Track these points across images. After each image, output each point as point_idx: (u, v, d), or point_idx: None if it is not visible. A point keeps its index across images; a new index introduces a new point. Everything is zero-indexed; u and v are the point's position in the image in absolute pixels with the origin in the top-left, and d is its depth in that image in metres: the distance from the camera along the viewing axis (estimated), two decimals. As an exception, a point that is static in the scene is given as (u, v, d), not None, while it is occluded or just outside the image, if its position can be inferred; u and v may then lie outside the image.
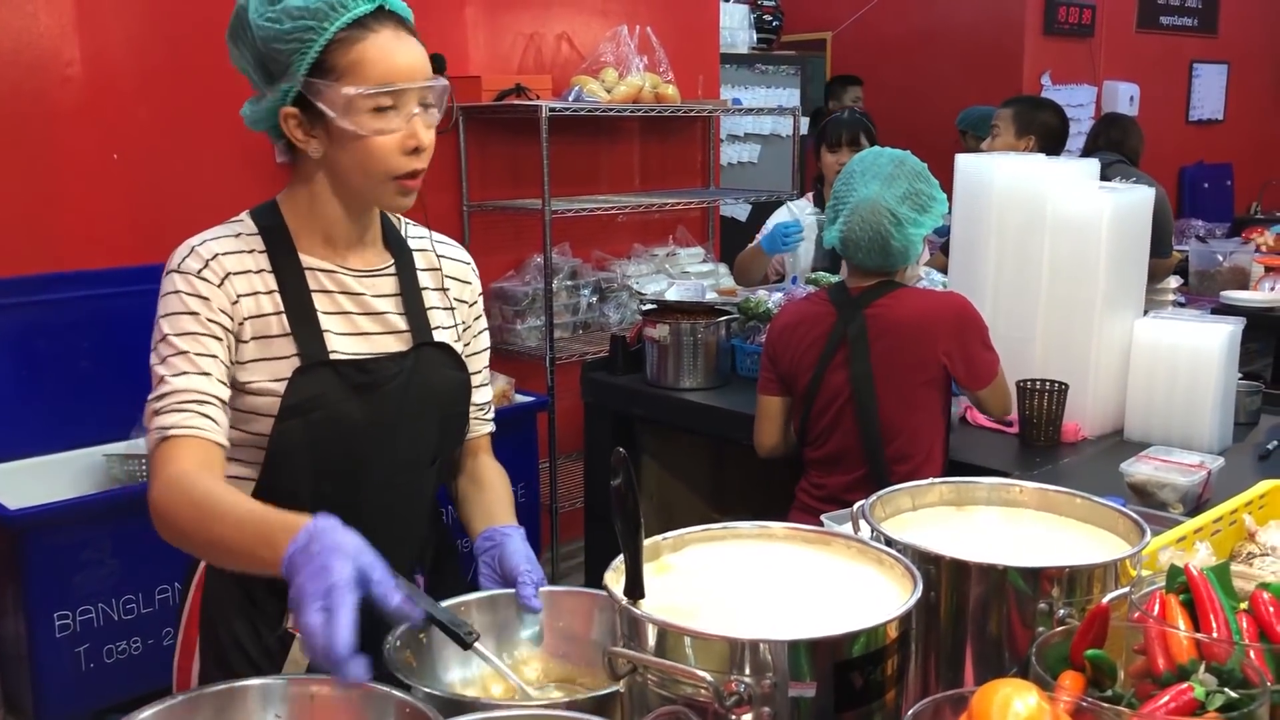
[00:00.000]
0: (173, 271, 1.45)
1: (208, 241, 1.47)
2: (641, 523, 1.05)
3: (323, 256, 1.52)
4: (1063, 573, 1.16)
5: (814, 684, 0.98)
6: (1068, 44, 6.71)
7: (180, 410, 1.38)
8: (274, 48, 1.41)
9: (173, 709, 1.08)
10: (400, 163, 1.44)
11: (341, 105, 1.40)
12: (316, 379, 1.46)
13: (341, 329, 1.50)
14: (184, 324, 1.42)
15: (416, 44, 1.46)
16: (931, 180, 2.41)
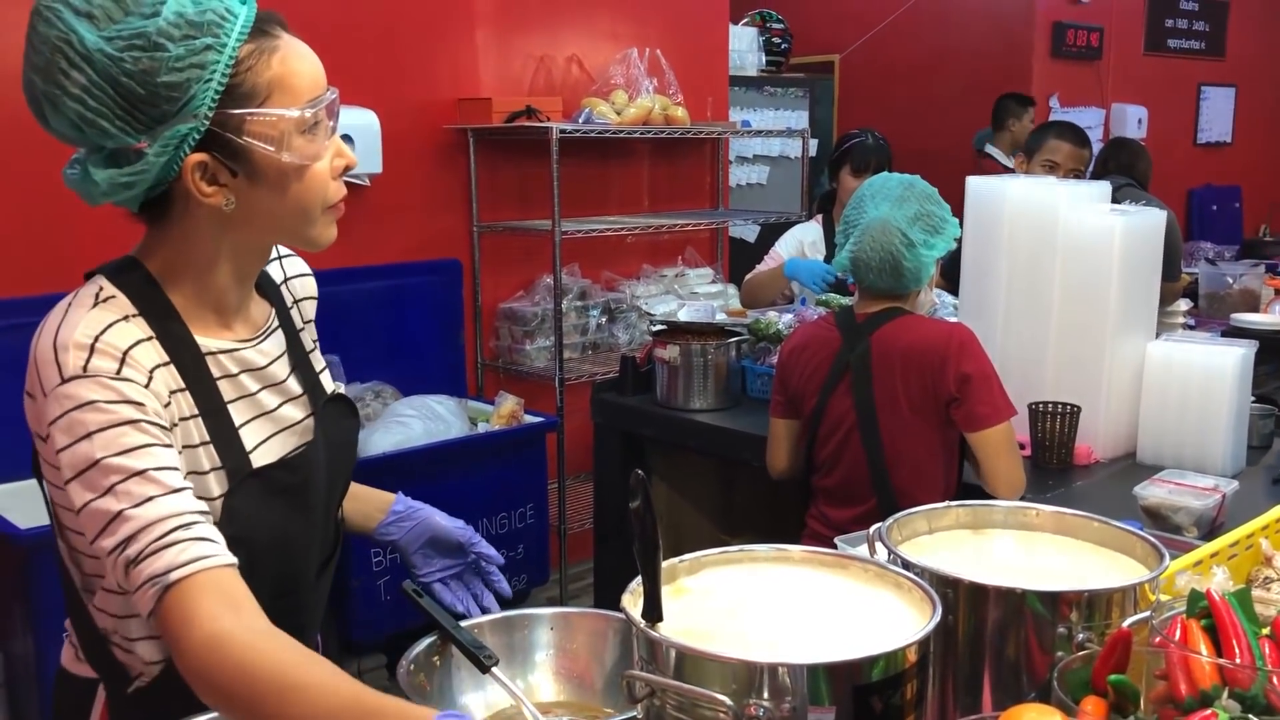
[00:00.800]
0: (76, 378, 1.11)
1: (104, 334, 1.14)
2: (660, 545, 1.05)
3: (214, 334, 1.26)
4: (1081, 597, 1.15)
5: (833, 708, 0.98)
6: (1076, 67, 6.73)
7: (169, 545, 1.08)
8: (161, 81, 1.10)
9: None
10: (333, 190, 1.24)
11: (279, 133, 1.16)
12: (248, 498, 1.23)
13: (248, 416, 1.27)
14: (122, 440, 1.10)
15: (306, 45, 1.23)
16: (942, 203, 2.39)
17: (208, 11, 1.12)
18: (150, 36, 1.10)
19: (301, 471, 1.29)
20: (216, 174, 1.17)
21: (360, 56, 3.70)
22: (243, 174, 1.18)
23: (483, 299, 4.21)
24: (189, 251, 1.23)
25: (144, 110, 1.12)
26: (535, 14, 4.23)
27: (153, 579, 1.07)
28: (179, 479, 1.12)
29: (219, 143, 1.15)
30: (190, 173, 1.15)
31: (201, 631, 1.05)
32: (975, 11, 6.59)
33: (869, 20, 6.82)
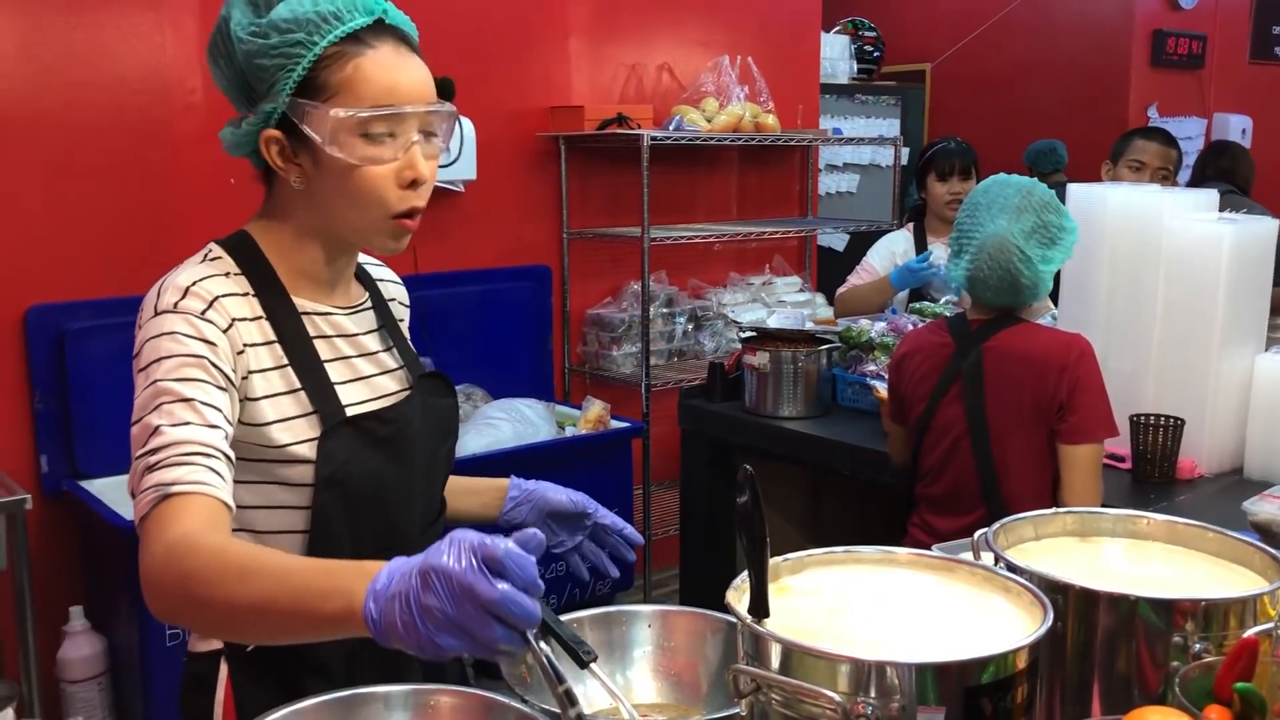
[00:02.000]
0: (166, 312, 1.22)
1: (204, 281, 1.26)
2: (768, 541, 1.05)
3: (311, 297, 1.36)
4: (1198, 606, 1.12)
5: (942, 709, 0.96)
6: (1177, 76, 6.57)
7: (184, 464, 1.14)
8: (258, 64, 1.25)
9: (302, 712, 1.10)
10: (396, 197, 1.28)
11: (330, 129, 1.24)
12: (342, 442, 1.30)
13: (344, 377, 1.36)
14: (184, 369, 1.19)
15: (419, 63, 1.31)
16: (1061, 210, 2.30)
17: (315, 13, 1.25)
18: (263, 26, 1.25)
19: (395, 424, 1.36)
20: (288, 153, 1.28)
21: (455, 65, 3.74)
22: (308, 159, 1.28)
23: (571, 305, 4.24)
24: (280, 222, 1.35)
25: (249, 86, 1.28)
26: (627, 23, 4.26)
27: (158, 485, 1.13)
28: (220, 419, 1.20)
29: (291, 126, 1.26)
30: (266, 144, 1.28)
31: (175, 534, 1.10)
32: (1071, 20, 6.47)
33: (961, 29, 6.74)
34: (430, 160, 1.31)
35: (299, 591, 1.02)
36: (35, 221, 3.08)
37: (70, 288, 3.13)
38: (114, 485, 3.11)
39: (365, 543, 1.31)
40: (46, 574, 3.05)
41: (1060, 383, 2.24)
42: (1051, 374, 2.25)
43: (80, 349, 3.11)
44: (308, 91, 1.25)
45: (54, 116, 3.08)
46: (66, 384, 3.10)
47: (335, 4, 1.26)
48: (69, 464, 3.13)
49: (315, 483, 1.28)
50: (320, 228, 1.33)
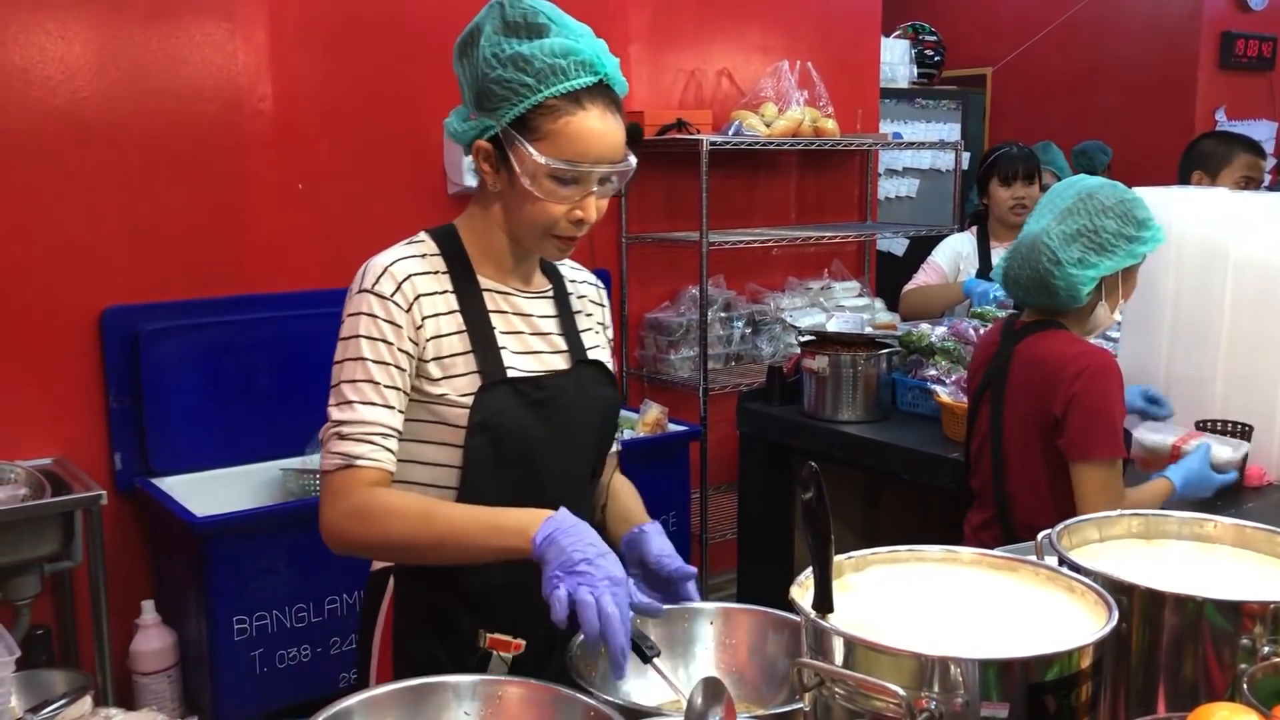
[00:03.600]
0: (366, 291, 1.49)
1: (399, 262, 1.51)
2: (831, 537, 1.06)
3: (495, 278, 1.58)
4: (1267, 609, 1.11)
5: (1006, 705, 0.97)
6: (1246, 78, 6.45)
7: (367, 441, 1.46)
8: (489, 86, 1.46)
9: (375, 699, 1.14)
10: (563, 227, 1.50)
11: (529, 165, 1.44)
12: (498, 396, 1.51)
13: (516, 348, 1.57)
14: (375, 351, 1.48)
15: (618, 125, 1.48)
16: (1128, 217, 2.21)
17: (553, 63, 1.44)
18: (505, 56, 1.45)
19: (549, 391, 1.56)
20: (493, 163, 1.50)
21: (518, 71, 3.81)
22: (505, 174, 1.49)
23: (629, 308, 4.27)
24: (482, 211, 1.58)
25: (478, 97, 1.48)
26: (687, 29, 4.28)
27: (345, 454, 1.46)
28: (396, 398, 1.49)
29: (500, 144, 1.47)
30: (476, 151, 1.51)
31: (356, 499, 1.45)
32: (1136, 22, 6.38)
33: (1023, 32, 6.67)
34: (601, 200, 1.52)
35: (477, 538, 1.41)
36: (112, 225, 3.16)
37: (145, 290, 3.22)
38: (185, 482, 3.19)
39: (508, 491, 1.51)
40: (119, 568, 3.14)
41: (1056, 397, 2.19)
42: (1050, 386, 2.21)
43: (154, 349, 3.19)
44: (521, 126, 1.45)
45: (131, 124, 3.17)
46: (140, 383, 3.19)
47: (568, 59, 1.44)
48: (142, 461, 3.22)
49: (468, 427, 1.50)
50: (502, 224, 1.56)
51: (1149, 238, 2.23)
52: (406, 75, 3.61)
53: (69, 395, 3.15)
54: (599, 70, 1.47)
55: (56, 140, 3.06)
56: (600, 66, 1.47)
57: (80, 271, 3.13)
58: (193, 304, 3.30)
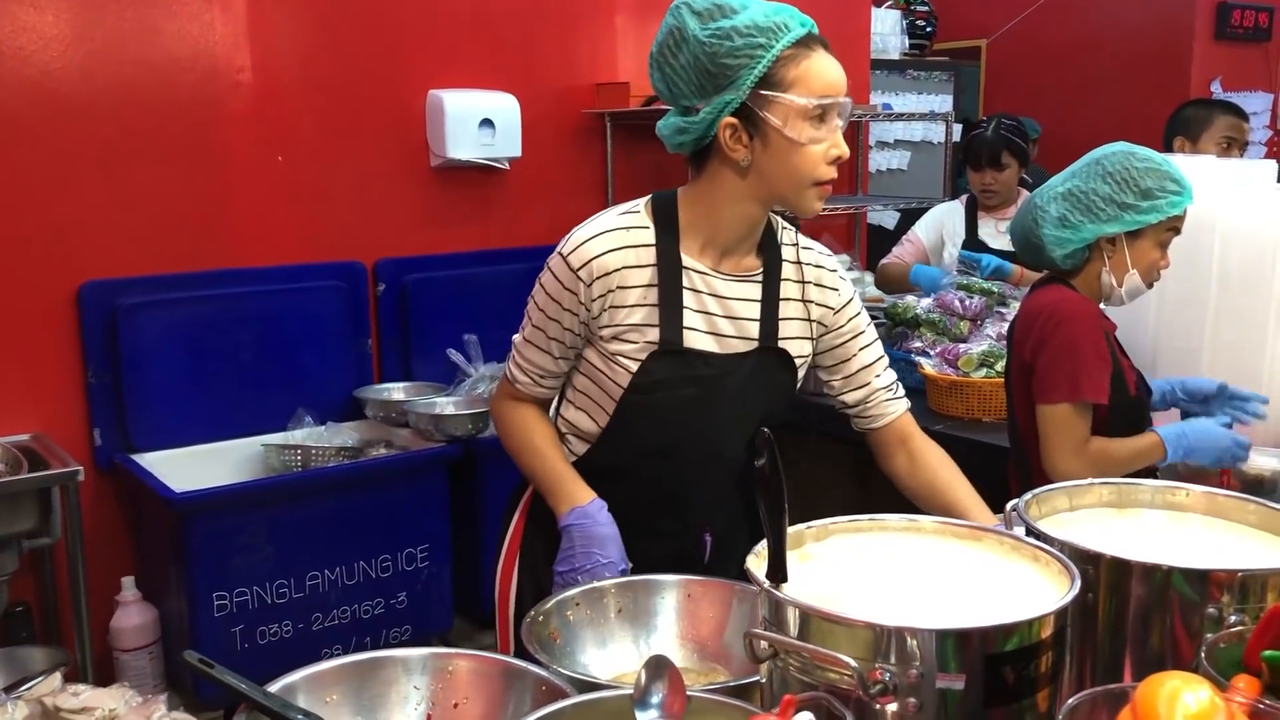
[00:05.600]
0: (559, 255, 1.65)
1: (597, 238, 1.63)
2: (786, 505, 1.03)
3: (698, 257, 1.65)
4: (1234, 577, 1.09)
5: (963, 676, 0.94)
6: (1242, 49, 6.39)
7: (527, 375, 1.73)
8: (722, 62, 1.53)
9: (322, 675, 1.11)
10: (824, 171, 1.56)
11: (791, 114, 1.52)
12: (667, 363, 1.63)
13: (700, 326, 1.65)
14: (553, 309, 1.66)
15: (838, 63, 1.57)
16: (1131, 185, 2.14)
17: (773, 22, 1.53)
18: (727, 30, 1.53)
19: (718, 368, 1.65)
20: (741, 136, 1.55)
21: (501, 42, 3.76)
22: (758, 139, 1.55)
23: (617, 283, 4.23)
24: (709, 192, 1.63)
25: (708, 80, 1.55)
26: (674, -2, 4.23)
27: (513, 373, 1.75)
28: (559, 349, 1.69)
29: (747, 113, 1.54)
30: (724, 130, 1.55)
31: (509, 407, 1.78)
32: (1132, -7, 6.32)
33: (1018, 3, 6.60)
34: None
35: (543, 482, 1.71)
36: (89, 199, 3.12)
37: (123, 264, 3.18)
38: (165, 459, 3.17)
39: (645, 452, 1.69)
40: (99, 545, 3.11)
41: (1028, 343, 2.21)
42: (1025, 333, 2.24)
43: (133, 324, 3.16)
44: (767, 84, 1.52)
45: (107, 96, 3.12)
46: (119, 359, 3.15)
47: (782, 17, 1.54)
48: (121, 437, 3.19)
49: (629, 385, 1.63)
50: (743, 196, 1.60)
51: (1151, 207, 2.14)
52: (389, 45, 3.56)
53: (47, 371, 3.11)
54: (807, 23, 1.57)
55: (31, 112, 3.02)
56: (807, 20, 1.57)
57: (57, 246, 3.09)
58: (172, 278, 3.26)
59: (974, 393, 2.82)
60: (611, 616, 1.35)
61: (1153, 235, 2.18)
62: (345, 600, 3.15)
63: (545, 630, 1.28)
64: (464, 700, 1.15)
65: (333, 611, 3.14)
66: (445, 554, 3.32)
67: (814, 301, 1.74)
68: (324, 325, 3.49)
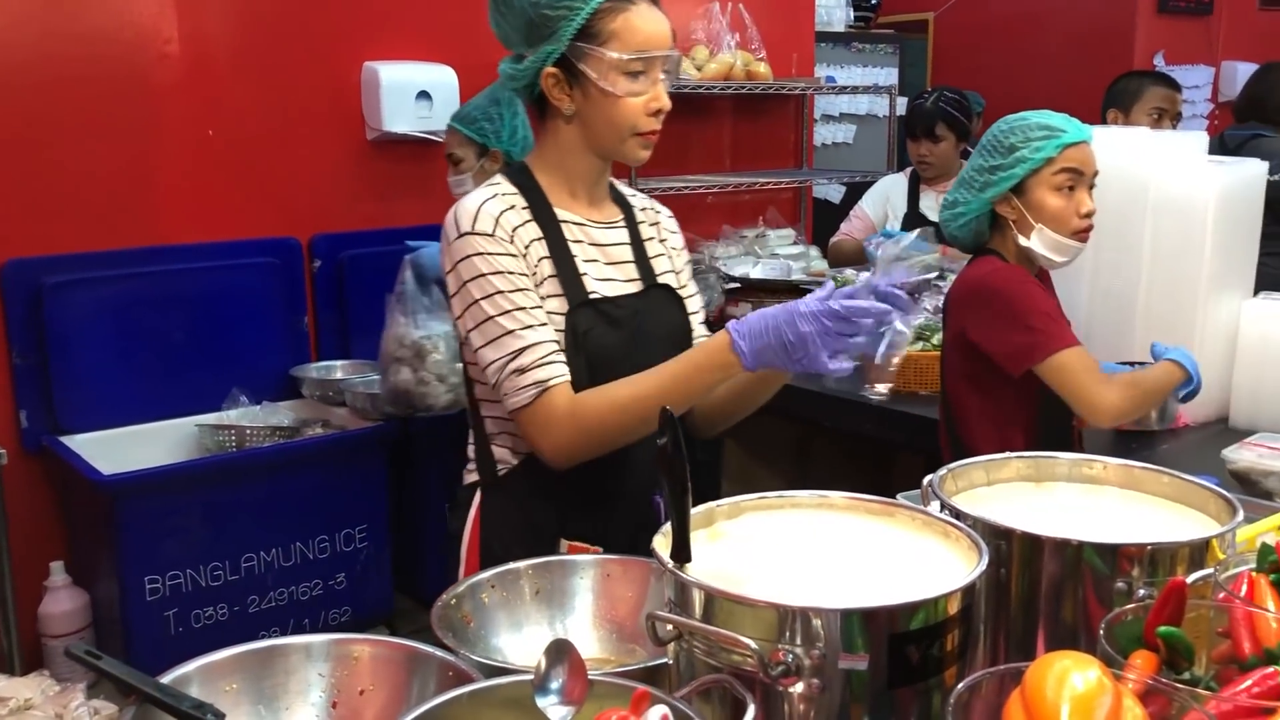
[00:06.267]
0: (468, 234, 1.59)
1: (486, 202, 1.61)
2: (689, 485, 1.01)
3: (569, 209, 1.69)
4: (1143, 551, 1.09)
5: (866, 656, 0.93)
6: (1184, 22, 6.43)
7: (549, 363, 1.57)
8: (544, 14, 1.57)
9: (216, 665, 1.08)
10: (643, 122, 1.61)
11: (605, 66, 1.56)
12: (584, 317, 1.63)
13: (594, 274, 1.67)
14: (509, 281, 1.58)
15: (663, 16, 1.62)
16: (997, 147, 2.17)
17: None
18: None
19: (627, 309, 1.67)
20: (564, 86, 1.60)
21: (438, 14, 3.69)
22: (579, 90, 1.60)
23: (560, 258, 4.19)
24: (551, 147, 1.68)
25: (532, 30, 1.59)
26: (616, -31, 4.17)
27: (537, 382, 1.55)
28: (546, 316, 1.59)
29: (568, 64, 1.59)
30: (546, 80, 1.61)
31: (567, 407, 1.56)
32: (1077, -35, 6.33)
33: (965, -24, 6.60)
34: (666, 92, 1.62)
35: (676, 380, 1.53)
36: (10, 175, 3.03)
37: (47, 242, 3.09)
38: (95, 440, 3.09)
39: None
40: (26, 529, 3.04)
41: (966, 317, 2.22)
42: (958, 307, 2.25)
43: (59, 304, 3.08)
44: (584, 37, 1.56)
45: (28, 68, 3.02)
46: (45, 339, 3.07)
47: None
48: (49, 419, 3.11)
49: (567, 348, 1.60)
50: (586, 144, 1.65)
51: (1016, 159, 2.14)
52: (323, 16, 3.47)
53: (-32, 352, 3.03)
54: None
55: (-54, 85, 2.92)
56: None
57: (-23, 223, 3.00)
58: (99, 256, 3.17)
59: (910, 365, 2.82)
60: (527, 599, 1.32)
61: (1040, 185, 2.15)
62: (282, 582, 3.10)
63: (458, 614, 1.25)
64: (369, 687, 1.12)
65: (270, 594, 3.09)
66: (384, 534, 3.27)
67: (666, 242, 1.82)
68: (258, 303, 3.42)
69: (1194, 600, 0.92)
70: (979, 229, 2.26)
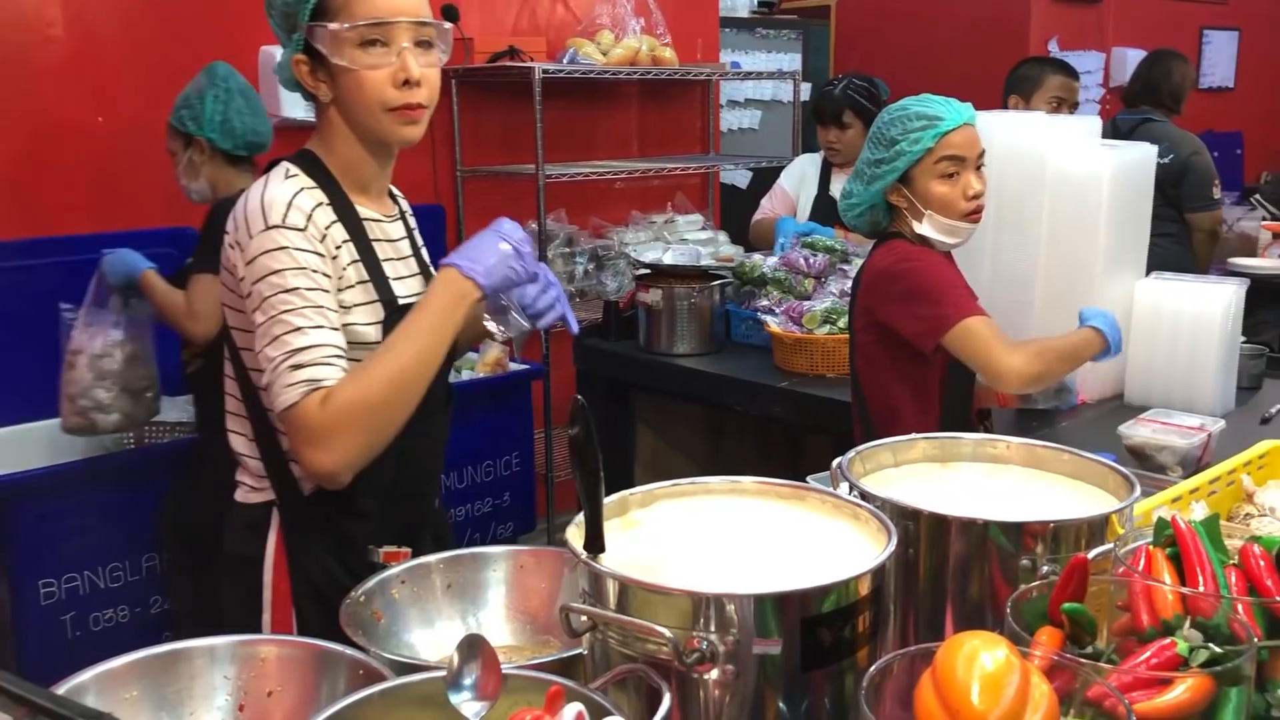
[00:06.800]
0: (277, 227, 1.47)
1: (299, 195, 1.51)
2: (601, 474, 1.01)
3: (366, 204, 1.61)
4: (1046, 528, 1.11)
5: (779, 640, 0.94)
6: (1076, 10, 6.60)
7: (326, 364, 1.44)
8: (284, 1, 1.53)
9: (114, 673, 1.04)
10: (391, 95, 1.51)
11: (335, 43, 1.49)
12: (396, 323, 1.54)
13: (395, 274, 1.61)
14: (309, 279, 1.47)
15: None
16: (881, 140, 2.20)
17: None
18: None
19: None
20: (315, 72, 1.54)
21: (338, -4, 3.61)
22: (325, 73, 1.53)
23: (467, 245, 4.14)
24: (328, 138, 1.59)
25: (283, 20, 1.55)
26: (519, -48, 4.14)
27: (310, 380, 1.42)
28: (337, 319, 1.48)
29: (311, 47, 1.52)
30: (298, 68, 1.54)
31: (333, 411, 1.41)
32: (974, -47, 6.45)
33: (865, -37, 6.68)
34: (427, 65, 1.52)
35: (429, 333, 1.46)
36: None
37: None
38: (-18, 439, 2.98)
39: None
40: (-88, 535, 2.91)
41: (878, 302, 2.25)
42: (866, 289, 2.28)
43: (-58, 295, 2.95)
44: (318, 15, 1.50)
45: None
46: (-73, 334, 2.95)
47: None
48: (-66, 418, 2.99)
49: None
50: (351, 129, 1.56)
51: (896, 153, 2.18)
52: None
53: None
54: None
55: None
56: None
57: None
58: (-16, 247, 3.05)
59: (818, 349, 2.85)
60: (439, 594, 1.31)
61: (923, 175, 2.18)
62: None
63: (367, 611, 1.23)
64: (277, 688, 1.09)
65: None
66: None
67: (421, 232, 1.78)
68: (156, 295, 3.32)
69: (1095, 575, 0.94)
70: (875, 218, 2.30)
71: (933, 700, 0.73)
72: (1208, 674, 0.81)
